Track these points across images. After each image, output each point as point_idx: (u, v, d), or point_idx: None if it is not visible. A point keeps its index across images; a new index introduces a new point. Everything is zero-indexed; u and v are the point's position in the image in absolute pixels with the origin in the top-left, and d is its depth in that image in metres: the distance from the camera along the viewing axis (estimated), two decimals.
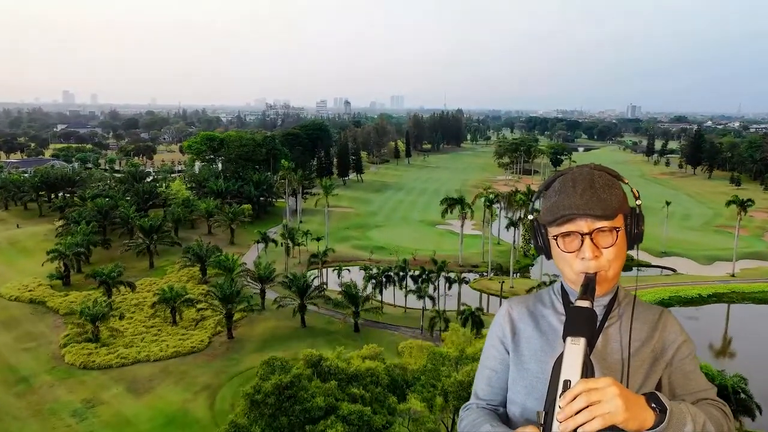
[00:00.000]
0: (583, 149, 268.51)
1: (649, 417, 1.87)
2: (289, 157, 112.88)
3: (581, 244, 2.17)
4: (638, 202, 2.26)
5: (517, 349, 2.42)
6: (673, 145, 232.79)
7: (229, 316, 52.11)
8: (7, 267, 71.08)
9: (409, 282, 62.25)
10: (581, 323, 1.93)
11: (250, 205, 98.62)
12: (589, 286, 2.10)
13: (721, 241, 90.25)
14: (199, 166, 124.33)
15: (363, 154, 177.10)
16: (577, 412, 1.75)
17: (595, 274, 2.15)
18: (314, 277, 63.96)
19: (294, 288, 55.17)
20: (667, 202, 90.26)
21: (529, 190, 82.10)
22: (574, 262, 2.20)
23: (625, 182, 2.27)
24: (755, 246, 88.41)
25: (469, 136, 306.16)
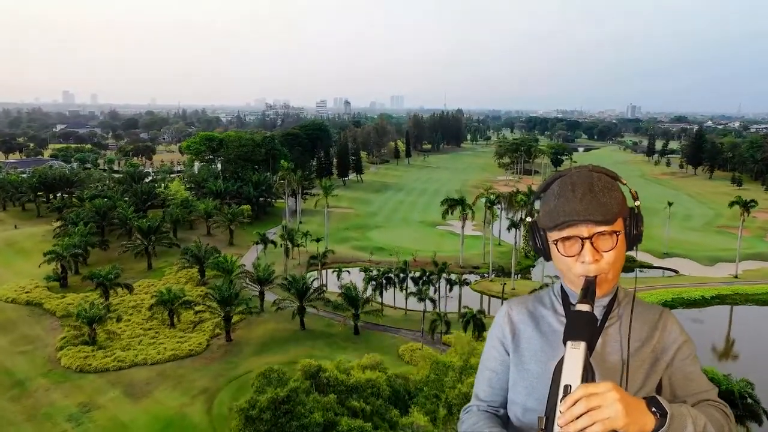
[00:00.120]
0: (584, 149, 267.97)
1: (650, 421, 1.87)
2: (288, 158, 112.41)
3: (581, 248, 2.15)
4: (637, 203, 2.25)
5: (518, 350, 2.41)
6: (673, 145, 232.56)
7: (228, 319, 51.53)
8: (4, 268, 70.53)
9: (410, 284, 61.70)
10: (581, 327, 1.94)
11: (249, 206, 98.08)
12: (589, 290, 2.09)
13: (723, 242, 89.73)
14: (198, 167, 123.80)
15: (363, 155, 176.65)
16: (578, 417, 1.76)
17: (595, 277, 2.14)
18: (314, 278, 63.36)
19: (293, 290, 54.64)
20: (669, 203, 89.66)
21: (530, 191, 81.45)
22: (574, 266, 2.19)
23: (624, 183, 2.25)
24: (757, 247, 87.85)
25: (469, 136, 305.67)
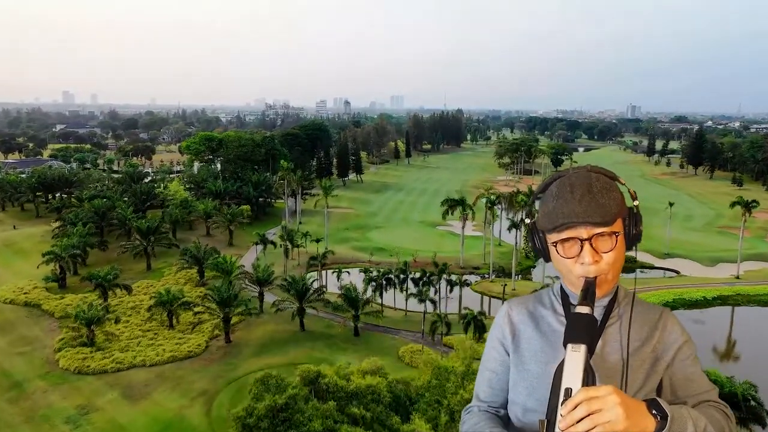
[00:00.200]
0: (584, 149, 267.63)
1: (650, 424, 1.87)
2: (288, 158, 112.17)
3: (581, 250, 2.14)
4: (636, 203, 2.23)
5: (518, 350, 2.40)
6: (673, 145, 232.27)
7: (227, 320, 51.25)
8: (2, 269, 70.27)
9: (410, 284, 61.40)
10: (581, 329, 1.94)
11: (248, 206, 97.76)
12: (589, 291, 2.09)
13: (724, 243, 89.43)
14: (197, 167, 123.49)
15: (363, 155, 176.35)
16: (579, 421, 1.77)
17: (595, 278, 2.14)
18: (313, 279, 63.08)
19: (293, 291, 54.37)
20: (670, 203, 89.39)
21: (530, 191, 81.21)
22: (573, 267, 2.18)
23: (622, 183, 2.22)
24: (758, 247, 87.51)
25: (469, 136, 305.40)
